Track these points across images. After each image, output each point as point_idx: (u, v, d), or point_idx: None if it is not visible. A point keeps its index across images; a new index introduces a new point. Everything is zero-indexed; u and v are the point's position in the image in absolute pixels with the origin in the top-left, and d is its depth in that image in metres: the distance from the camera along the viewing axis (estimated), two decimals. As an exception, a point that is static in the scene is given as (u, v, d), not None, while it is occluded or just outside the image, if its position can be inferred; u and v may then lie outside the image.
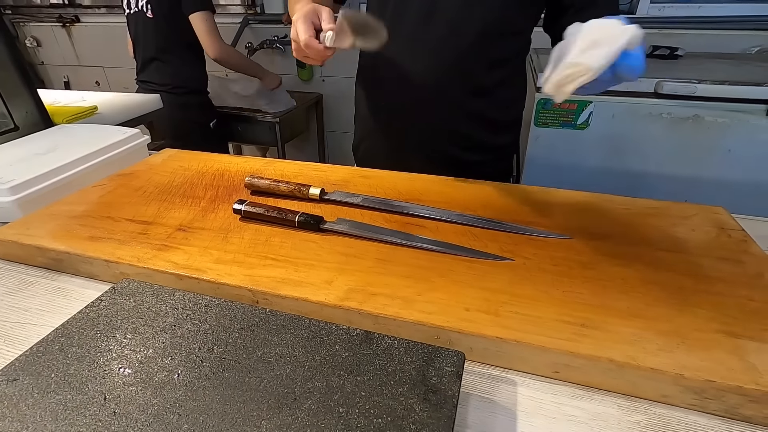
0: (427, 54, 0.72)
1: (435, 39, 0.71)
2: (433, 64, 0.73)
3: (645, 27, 1.38)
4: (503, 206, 0.60)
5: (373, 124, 0.85)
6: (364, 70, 0.85)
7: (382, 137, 0.85)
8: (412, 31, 0.72)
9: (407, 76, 0.74)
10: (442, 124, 0.78)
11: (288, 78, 2.31)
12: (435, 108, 0.77)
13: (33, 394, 0.33)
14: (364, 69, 0.85)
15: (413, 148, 0.81)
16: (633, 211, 0.58)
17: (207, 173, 0.72)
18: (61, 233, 0.55)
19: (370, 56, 0.80)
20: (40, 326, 0.45)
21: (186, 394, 0.33)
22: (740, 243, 0.51)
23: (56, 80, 2.83)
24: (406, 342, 0.37)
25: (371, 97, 0.84)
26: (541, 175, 1.34)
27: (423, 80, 0.74)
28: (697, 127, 1.18)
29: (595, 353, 0.36)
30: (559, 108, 1.26)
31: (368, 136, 0.88)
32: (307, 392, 0.33)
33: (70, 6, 2.54)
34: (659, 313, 0.41)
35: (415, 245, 0.51)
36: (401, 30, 0.72)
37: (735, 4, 1.59)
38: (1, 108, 0.87)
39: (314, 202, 0.62)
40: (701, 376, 0.34)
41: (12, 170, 0.68)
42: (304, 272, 0.47)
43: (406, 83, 0.75)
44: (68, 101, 1.18)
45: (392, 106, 0.80)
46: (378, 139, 0.86)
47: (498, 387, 0.38)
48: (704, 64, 1.37)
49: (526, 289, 0.44)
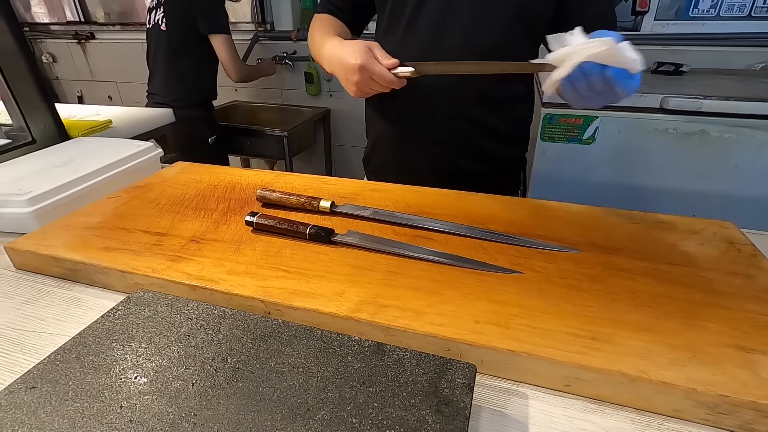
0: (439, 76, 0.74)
1: (447, 54, 0.73)
2: (446, 79, 0.74)
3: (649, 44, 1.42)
4: (512, 220, 0.61)
5: (385, 137, 0.87)
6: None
7: (394, 150, 0.86)
8: (425, 46, 0.74)
9: (420, 90, 0.75)
10: (454, 136, 0.80)
11: (296, 93, 2.35)
12: (447, 120, 0.78)
13: (51, 402, 0.33)
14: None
15: (425, 160, 0.82)
16: (641, 225, 0.59)
17: (219, 186, 0.73)
18: (77, 244, 0.56)
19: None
20: (56, 335, 0.46)
21: (201, 403, 0.33)
22: (750, 257, 0.51)
23: (70, 94, 2.90)
24: (418, 354, 0.37)
25: (383, 109, 0.85)
26: (548, 190, 1.34)
27: (436, 94, 0.76)
28: (704, 142, 1.18)
29: (606, 366, 0.36)
30: (565, 123, 1.27)
31: (380, 148, 0.89)
32: (320, 403, 0.33)
33: (86, 23, 2.62)
34: (669, 326, 0.41)
35: (424, 258, 0.51)
36: (413, 45, 0.74)
37: (738, 21, 1.60)
38: (19, 122, 0.90)
39: (324, 214, 0.63)
40: (714, 391, 0.34)
41: (30, 182, 0.69)
42: (315, 284, 0.47)
43: (418, 97, 0.76)
44: (83, 115, 1.21)
45: (405, 119, 0.82)
46: (390, 151, 0.87)
47: (510, 400, 0.38)
48: (709, 80, 1.38)
49: (535, 301, 0.44)
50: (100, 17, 2.62)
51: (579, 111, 1.24)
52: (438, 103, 0.77)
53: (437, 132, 0.80)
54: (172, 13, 1.63)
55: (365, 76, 0.62)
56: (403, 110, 0.81)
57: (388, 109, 0.84)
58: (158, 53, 1.71)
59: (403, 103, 0.80)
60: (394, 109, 0.83)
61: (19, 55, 0.88)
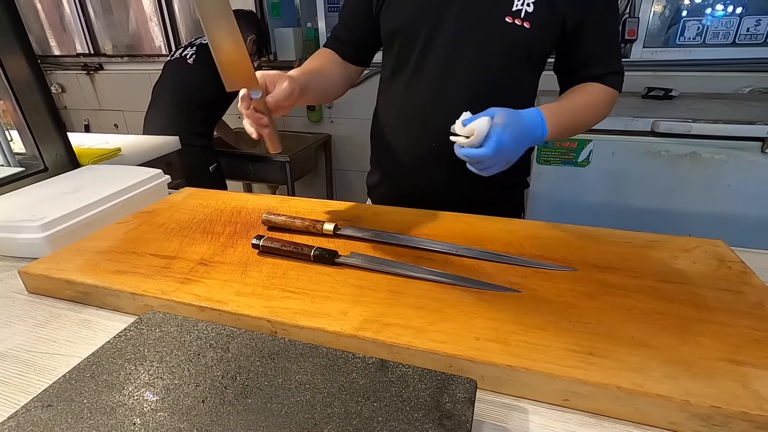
0: (450, 105, 0.75)
1: (456, 92, 0.75)
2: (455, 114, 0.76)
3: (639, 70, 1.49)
4: (509, 240, 0.63)
5: (395, 169, 0.87)
6: (383, 116, 0.88)
7: (405, 182, 0.86)
8: (434, 84, 0.76)
9: (429, 125, 0.78)
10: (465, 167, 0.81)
11: (299, 119, 2.41)
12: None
13: (67, 419, 0.34)
14: (384, 115, 0.87)
15: (436, 190, 0.83)
16: (635, 244, 0.61)
17: (225, 210, 0.76)
18: (88, 268, 0.58)
19: (390, 105, 0.84)
20: (68, 356, 0.47)
21: (212, 419, 0.34)
22: (740, 274, 0.53)
23: (77, 123, 2.97)
24: (420, 370, 0.38)
25: (393, 142, 0.85)
26: (545, 211, 1.37)
27: (445, 129, 0.77)
28: (695, 163, 1.22)
29: (603, 380, 0.38)
30: (561, 146, 1.31)
31: (389, 179, 0.90)
32: (327, 418, 0.34)
33: (95, 55, 2.71)
34: (663, 342, 0.42)
35: (425, 278, 0.53)
36: (422, 83, 0.77)
37: (725, 48, 1.67)
38: (33, 150, 0.93)
39: (328, 237, 0.65)
40: (707, 403, 0.35)
41: (42, 209, 0.72)
42: (320, 303, 0.49)
43: (428, 132, 0.79)
44: (93, 143, 1.25)
45: (415, 155, 0.82)
46: (400, 183, 0.87)
47: (510, 415, 0.39)
48: (699, 104, 1.43)
49: (533, 319, 0.46)
50: (108, 49, 2.72)
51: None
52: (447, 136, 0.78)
53: (448, 165, 0.80)
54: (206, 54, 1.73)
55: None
56: (412, 145, 0.82)
57: (397, 142, 0.85)
58: (177, 83, 1.78)
59: (412, 138, 0.81)
60: (402, 143, 0.84)
61: (35, 86, 0.92)
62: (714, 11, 1.65)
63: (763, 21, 1.62)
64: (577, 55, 0.75)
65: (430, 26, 0.73)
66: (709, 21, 1.67)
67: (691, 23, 1.69)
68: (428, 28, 0.74)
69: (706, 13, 1.66)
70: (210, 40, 0.55)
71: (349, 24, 0.83)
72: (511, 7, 0.69)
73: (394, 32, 0.78)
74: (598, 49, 0.74)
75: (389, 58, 0.82)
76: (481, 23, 0.72)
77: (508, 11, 0.69)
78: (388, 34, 0.79)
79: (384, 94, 0.86)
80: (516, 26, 0.70)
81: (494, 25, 0.71)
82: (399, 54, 0.79)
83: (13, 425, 0.34)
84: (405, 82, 0.79)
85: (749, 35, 1.64)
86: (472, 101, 0.75)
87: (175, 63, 1.81)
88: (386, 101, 0.86)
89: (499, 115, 0.59)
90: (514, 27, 0.70)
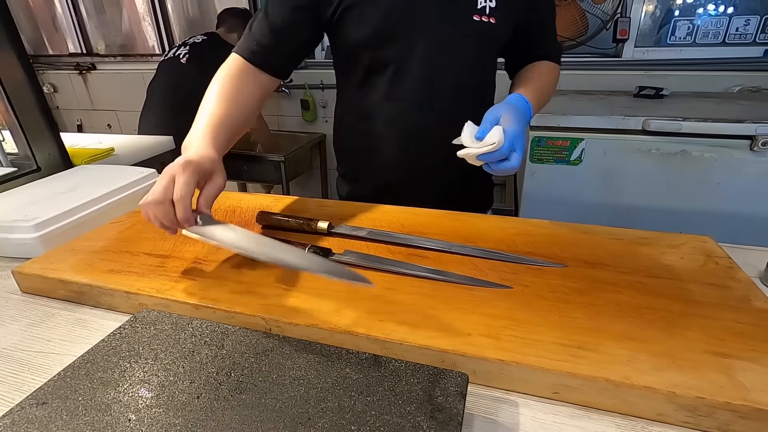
0: (433, 110, 0.77)
1: (439, 95, 0.77)
2: (439, 119, 0.78)
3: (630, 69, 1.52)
4: (501, 238, 0.63)
5: (373, 174, 0.87)
6: (356, 125, 0.85)
7: (383, 186, 0.86)
8: (416, 91, 0.76)
9: (412, 133, 0.79)
10: (449, 170, 0.82)
11: (293, 119, 2.41)
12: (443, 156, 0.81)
13: (62, 416, 0.35)
14: (357, 124, 0.84)
15: (418, 193, 0.83)
16: (625, 241, 0.62)
17: (219, 209, 0.76)
18: (82, 267, 0.58)
19: (365, 114, 0.82)
20: (63, 355, 0.47)
21: (207, 415, 0.35)
22: (727, 269, 0.54)
23: (69, 123, 2.95)
24: (413, 365, 0.39)
25: (372, 150, 0.84)
26: (538, 209, 1.38)
27: (430, 134, 0.79)
28: (686, 161, 1.23)
29: (591, 373, 0.38)
30: (553, 145, 1.32)
31: (366, 182, 0.89)
32: (321, 412, 0.35)
33: (88, 55, 2.69)
34: (651, 335, 0.43)
35: (418, 275, 0.54)
36: (403, 91, 0.76)
37: (714, 47, 1.69)
38: (25, 150, 0.93)
39: (322, 235, 0.65)
40: (692, 394, 0.36)
41: (35, 209, 0.72)
42: (314, 301, 0.49)
43: (413, 139, 0.80)
44: (86, 144, 1.25)
45: (397, 160, 0.83)
46: (379, 187, 0.87)
47: (501, 408, 0.40)
48: (689, 103, 1.45)
49: (524, 314, 0.46)
50: (101, 49, 2.70)
51: (566, 133, 1.30)
52: (431, 143, 0.79)
53: (433, 169, 0.83)
54: (197, 54, 1.73)
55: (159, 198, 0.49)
56: (392, 152, 0.82)
57: (382, 147, 0.83)
58: (170, 83, 1.77)
59: (401, 141, 0.81)
60: (389, 147, 0.83)
61: (28, 86, 0.92)
62: (706, 11, 1.67)
63: (752, 21, 1.64)
64: (526, 36, 0.80)
65: (404, 34, 0.72)
66: (699, 21, 1.69)
67: (682, 23, 1.71)
68: (402, 37, 0.72)
69: (697, 13, 1.68)
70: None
71: (280, 31, 0.71)
72: (476, 5, 0.71)
73: (362, 43, 0.74)
74: (544, 29, 0.82)
75: (356, 66, 0.78)
76: (452, 26, 0.73)
77: (475, 10, 0.71)
78: (353, 45, 0.75)
79: (354, 104, 0.83)
80: (484, 23, 0.72)
81: (465, 26, 0.72)
82: (371, 64, 0.76)
83: (8, 422, 0.34)
84: (383, 90, 0.77)
85: (738, 35, 1.66)
86: (455, 102, 0.78)
87: (168, 62, 1.80)
88: (359, 110, 0.82)
89: (504, 117, 0.61)
90: (483, 24, 0.72)
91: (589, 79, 1.80)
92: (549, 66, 0.82)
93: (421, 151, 0.81)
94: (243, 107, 0.69)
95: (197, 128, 0.62)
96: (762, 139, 1.16)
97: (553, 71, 0.83)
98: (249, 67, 0.71)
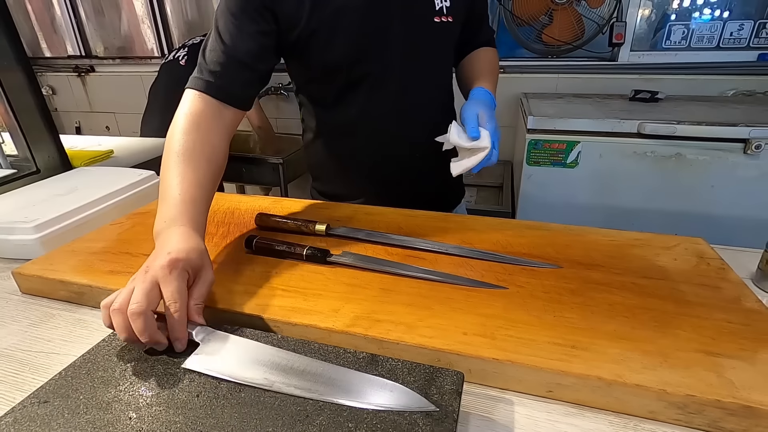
0: (413, 116, 0.80)
1: (417, 101, 0.79)
2: (420, 124, 0.80)
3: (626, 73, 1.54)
4: (497, 239, 0.64)
5: (351, 184, 0.88)
6: (333, 137, 0.85)
7: (361, 194, 0.87)
8: (394, 101, 0.77)
9: (393, 140, 0.81)
10: (424, 172, 0.85)
11: (292, 122, 2.42)
12: (419, 159, 0.83)
13: (64, 414, 0.35)
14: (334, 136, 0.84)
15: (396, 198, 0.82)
16: (618, 243, 0.62)
17: (218, 211, 0.76)
18: (82, 268, 0.59)
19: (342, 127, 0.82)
20: (63, 355, 0.48)
21: (206, 413, 0.35)
22: (719, 270, 0.55)
23: (68, 125, 2.94)
24: (410, 363, 0.39)
25: (350, 161, 0.85)
26: (534, 212, 1.39)
27: (404, 143, 0.82)
28: (680, 164, 1.25)
29: (584, 372, 0.39)
30: (550, 148, 1.33)
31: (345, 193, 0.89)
32: (318, 410, 0.35)
33: (87, 57, 2.70)
34: (643, 335, 0.44)
35: (415, 276, 0.54)
36: (382, 102, 0.77)
37: (708, 51, 1.71)
38: (25, 152, 0.94)
39: (320, 236, 0.66)
40: (682, 391, 0.37)
41: (35, 210, 0.72)
42: (312, 301, 0.50)
43: (395, 145, 0.82)
44: (85, 146, 1.25)
45: (375, 169, 0.85)
46: (358, 195, 0.87)
47: (496, 406, 0.40)
48: (684, 106, 1.46)
49: (519, 314, 0.47)
50: (100, 51, 2.70)
51: (562, 136, 1.31)
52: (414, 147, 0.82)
53: (417, 173, 0.85)
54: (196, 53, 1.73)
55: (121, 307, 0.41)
56: (385, 154, 0.83)
57: (363, 155, 0.84)
58: (170, 86, 1.78)
59: (383, 149, 0.83)
60: (368, 156, 0.84)
61: (27, 89, 0.92)
62: (701, 15, 1.69)
63: (746, 26, 1.66)
64: (469, 27, 0.84)
65: (377, 50, 0.73)
66: (694, 25, 1.71)
67: (677, 27, 1.73)
68: (375, 53, 0.73)
69: (693, 17, 1.70)
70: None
71: (242, 58, 0.65)
72: (434, 7, 0.74)
73: (332, 67, 0.73)
74: (482, 17, 0.88)
75: (327, 86, 0.77)
76: (419, 32, 0.75)
77: (434, 12, 0.74)
78: (327, 65, 0.73)
79: (327, 122, 0.83)
80: (444, 23, 0.75)
81: (429, 29, 0.75)
82: (346, 81, 0.76)
83: (10, 421, 0.35)
84: (359, 105, 0.77)
85: (733, 39, 1.68)
86: (429, 104, 0.82)
87: (168, 65, 1.81)
88: (334, 127, 0.83)
89: (481, 116, 0.66)
90: (443, 25, 0.75)
91: (585, 82, 1.81)
92: (491, 52, 0.89)
93: (399, 156, 0.83)
94: (212, 161, 0.59)
95: (168, 209, 0.52)
96: (755, 142, 1.17)
97: (495, 56, 0.89)
98: (210, 103, 0.62)
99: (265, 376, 0.38)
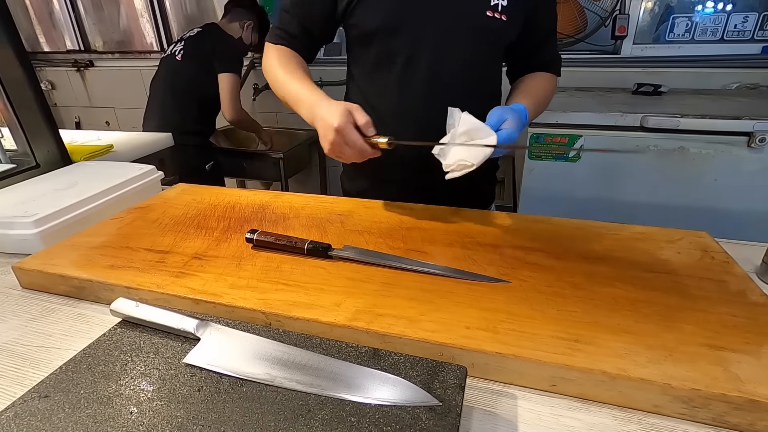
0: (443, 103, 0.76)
1: (448, 89, 0.77)
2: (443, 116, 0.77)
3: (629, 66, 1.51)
4: (500, 233, 0.64)
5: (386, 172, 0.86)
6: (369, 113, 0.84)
7: (398, 182, 0.86)
8: (426, 83, 0.77)
9: (423, 124, 0.79)
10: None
11: (292, 116, 2.40)
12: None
13: (65, 409, 0.35)
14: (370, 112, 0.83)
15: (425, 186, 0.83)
16: (622, 236, 0.62)
17: (219, 206, 0.76)
18: (82, 262, 0.58)
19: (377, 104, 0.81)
20: (64, 350, 0.47)
21: (208, 407, 0.35)
22: (723, 264, 0.55)
23: (68, 120, 2.93)
24: (412, 358, 0.39)
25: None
26: (537, 206, 1.38)
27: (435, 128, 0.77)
28: (684, 158, 1.24)
29: (588, 366, 0.39)
30: (552, 141, 1.32)
31: (373, 175, 0.89)
32: (320, 404, 0.35)
33: (86, 52, 2.68)
34: (647, 328, 0.43)
35: (417, 270, 0.54)
36: (413, 83, 0.77)
37: (712, 44, 1.69)
38: (24, 147, 0.93)
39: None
40: (687, 386, 0.36)
41: (35, 205, 0.72)
42: (314, 295, 0.50)
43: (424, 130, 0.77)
44: (85, 140, 1.24)
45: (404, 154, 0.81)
46: (385, 181, 0.87)
47: (499, 401, 0.40)
48: (687, 100, 1.45)
49: (522, 308, 0.47)
50: (99, 46, 2.69)
51: (564, 130, 1.30)
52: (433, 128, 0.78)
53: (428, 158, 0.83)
54: (192, 47, 1.73)
55: (339, 139, 0.61)
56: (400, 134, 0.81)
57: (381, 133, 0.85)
58: (167, 80, 1.77)
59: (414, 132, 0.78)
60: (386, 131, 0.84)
61: (26, 84, 0.92)
62: (705, 8, 1.67)
63: (750, 18, 1.64)
64: (530, 41, 0.80)
65: (413, 26, 0.73)
66: (698, 18, 1.69)
67: (681, 20, 1.71)
68: (411, 28, 0.73)
69: (696, 10, 1.68)
70: None
71: (305, 20, 0.79)
72: (489, 1, 0.72)
73: (371, 33, 0.76)
74: (547, 36, 0.83)
75: (367, 55, 0.79)
76: (464, 20, 0.74)
77: (488, 6, 0.72)
78: (363, 34, 0.77)
79: (364, 92, 0.84)
80: (496, 19, 0.73)
81: (477, 20, 0.73)
82: (379, 53, 0.77)
83: (11, 415, 0.35)
84: (393, 80, 0.78)
85: (737, 32, 1.66)
86: (465, 96, 0.78)
87: (167, 59, 1.80)
88: (369, 99, 0.82)
89: (509, 121, 0.64)
90: (495, 20, 0.73)
91: (587, 75, 1.80)
92: (549, 78, 0.84)
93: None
94: (304, 65, 0.79)
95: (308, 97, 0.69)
96: (759, 135, 1.16)
97: (551, 83, 0.84)
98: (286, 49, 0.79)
99: (267, 370, 0.38)
